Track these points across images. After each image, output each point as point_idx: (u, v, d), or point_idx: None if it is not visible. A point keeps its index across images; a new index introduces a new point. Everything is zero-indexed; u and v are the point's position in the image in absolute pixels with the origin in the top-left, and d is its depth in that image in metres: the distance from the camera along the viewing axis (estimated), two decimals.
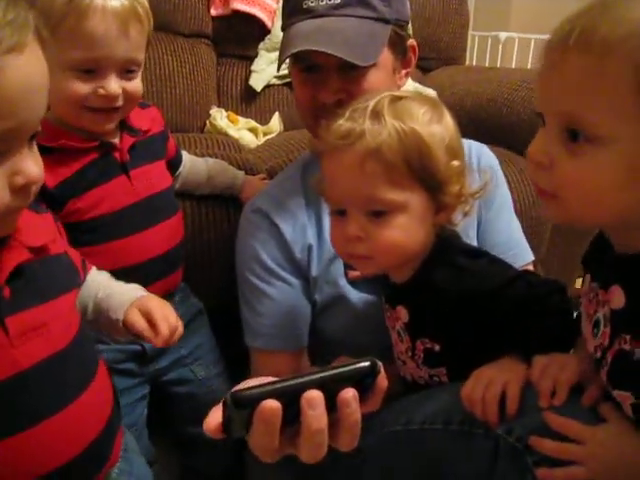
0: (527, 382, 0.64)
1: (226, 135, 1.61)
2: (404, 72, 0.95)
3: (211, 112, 1.71)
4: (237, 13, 1.74)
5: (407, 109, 0.70)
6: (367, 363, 0.50)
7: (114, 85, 0.82)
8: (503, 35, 2.87)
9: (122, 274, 0.86)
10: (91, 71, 0.80)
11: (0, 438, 0.55)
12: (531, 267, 1.00)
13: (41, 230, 0.63)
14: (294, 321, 0.93)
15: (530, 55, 2.85)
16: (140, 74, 0.87)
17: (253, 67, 1.80)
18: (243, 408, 0.47)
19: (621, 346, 0.56)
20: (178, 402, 0.99)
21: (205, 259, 1.14)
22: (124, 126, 0.90)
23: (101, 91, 0.81)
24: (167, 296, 0.95)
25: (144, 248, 0.91)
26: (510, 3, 3.97)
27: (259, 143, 1.63)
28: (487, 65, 2.91)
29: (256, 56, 1.80)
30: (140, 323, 0.68)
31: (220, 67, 1.82)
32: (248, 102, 1.80)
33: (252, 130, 1.69)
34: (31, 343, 0.57)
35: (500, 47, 2.85)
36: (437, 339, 0.74)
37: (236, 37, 1.80)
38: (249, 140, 1.63)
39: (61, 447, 0.59)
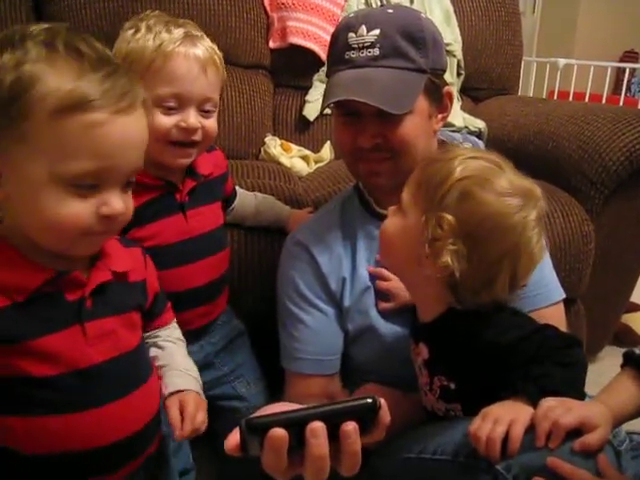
0: (532, 423, 0.68)
1: (279, 163, 1.70)
2: (440, 117, 1.00)
3: (266, 140, 1.80)
4: (294, 46, 1.83)
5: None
6: (368, 400, 0.56)
7: (193, 119, 0.92)
8: (562, 62, 2.86)
9: (168, 298, 0.96)
10: (173, 107, 0.91)
11: (69, 412, 0.67)
12: (561, 306, 1.03)
13: (125, 260, 0.76)
14: (327, 347, 1.00)
15: (589, 81, 2.83)
16: (216, 113, 0.97)
17: (307, 97, 1.88)
18: (255, 433, 0.55)
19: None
20: (221, 416, 1.06)
21: (249, 285, 1.22)
22: (189, 170, 1.00)
23: (182, 124, 0.91)
24: (210, 320, 1.06)
25: (188, 279, 1.00)
26: (575, 30, 3.94)
27: (310, 171, 1.71)
28: (544, 91, 2.91)
29: (310, 87, 1.88)
30: (174, 413, 0.78)
31: (276, 97, 1.91)
32: (302, 131, 1.88)
33: (304, 158, 1.77)
34: (102, 344, 0.70)
35: (558, 73, 2.84)
36: (453, 378, 0.79)
37: (292, 68, 1.89)
38: (300, 168, 1.71)
39: (118, 427, 0.72)
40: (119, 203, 0.66)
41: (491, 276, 0.75)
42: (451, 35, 1.96)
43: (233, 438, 0.58)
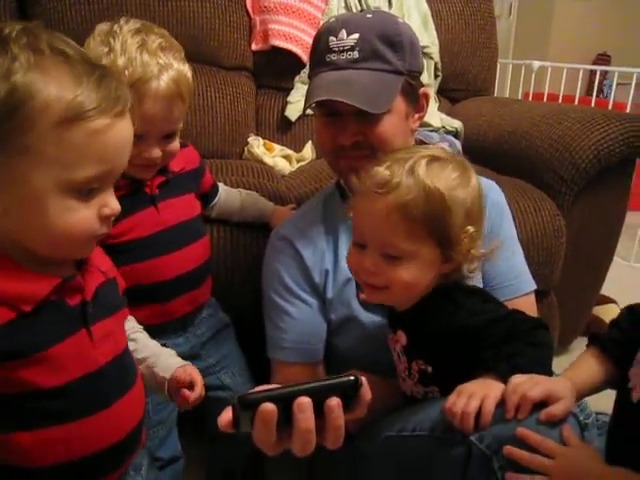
0: (502, 398, 0.73)
1: (262, 162, 1.74)
2: (417, 116, 1.05)
3: (249, 140, 1.84)
4: (276, 48, 1.87)
5: (440, 172, 0.79)
6: (351, 378, 0.61)
7: (155, 152, 0.96)
8: (536, 64, 2.93)
9: (151, 289, 1.01)
10: (138, 137, 0.91)
11: (80, 418, 0.68)
12: (532, 296, 1.09)
13: (101, 257, 0.78)
14: (311, 337, 1.04)
15: (562, 83, 2.91)
16: (178, 135, 1.01)
17: (289, 98, 1.92)
18: (247, 409, 0.59)
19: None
20: (207, 405, 1.10)
21: (235, 279, 1.26)
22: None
23: (145, 155, 0.95)
24: (195, 310, 1.11)
25: (170, 268, 1.03)
26: (549, 33, 4.03)
27: (292, 169, 1.75)
28: (520, 93, 2.98)
29: (292, 88, 1.93)
30: (184, 380, 0.83)
31: (259, 98, 1.95)
32: (284, 131, 1.92)
33: (286, 157, 1.81)
34: (105, 346, 0.71)
35: (533, 75, 2.92)
36: (430, 362, 0.84)
37: (274, 70, 1.93)
38: (283, 167, 1.76)
39: (122, 424, 0.73)
40: (116, 202, 0.67)
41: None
42: (428, 38, 2.01)
43: (226, 415, 0.63)
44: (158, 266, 1.02)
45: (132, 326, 0.88)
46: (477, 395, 0.72)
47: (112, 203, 0.66)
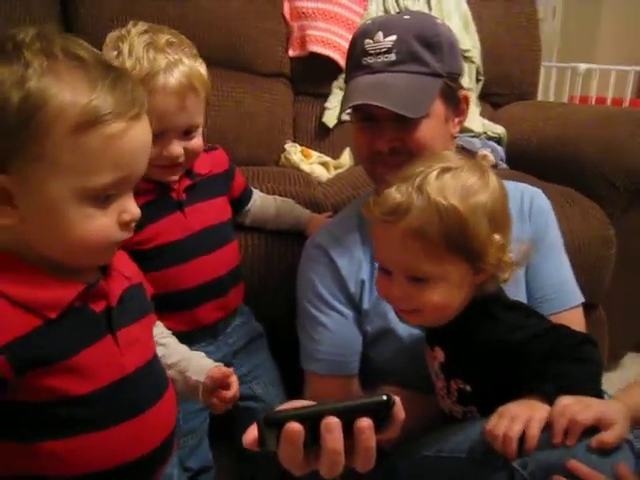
0: (548, 421, 0.68)
1: (299, 169, 1.72)
2: (457, 120, 1.01)
3: (286, 147, 1.82)
4: (313, 54, 1.86)
5: (452, 184, 0.74)
6: (383, 397, 0.58)
7: (176, 148, 0.95)
8: (583, 67, 2.84)
9: (178, 296, 1.00)
10: (156, 137, 0.92)
11: (109, 426, 0.66)
12: (580, 310, 1.03)
13: (126, 263, 0.76)
14: (346, 349, 1.01)
15: (610, 87, 2.81)
16: (200, 131, 0.99)
17: (327, 104, 1.90)
18: (273, 427, 0.57)
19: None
20: (238, 415, 1.08)
21: (269, 287, 1.24)
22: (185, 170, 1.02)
23: (165, 153, 0.94)
24: (226, 317, 1.08)
25: (198, 273, 1.01)
26: (596, 34, 3.91)
27: (330, 177, 1.72)
28: (565, 97, 2.89)
29: (330, 94, 1.91)
30: (220, 378, 0.81)
31: (296, 104, 1.93)
32: (321, 137, 1.90)
33: (324, 164, 1.79)
34: (132, 352, 0.70)
35: (579, 79, 2.82)
36: (469, 381, 0.80)
37: (312, 76, 1.91)
38: (320, 174, 1.73)
39: (155, 433, 0.72)
40: (136, 207, 0.66)
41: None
42: (470, 41, 1.97)
43: (251, 433, 0.60)
44: (185, 272, 1.00)
45: (161, 331, 0.87)
46: (520, 417, 0.68)
47: (132, 208, 0.65)
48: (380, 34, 0.93)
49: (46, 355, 0.61)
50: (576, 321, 1.00)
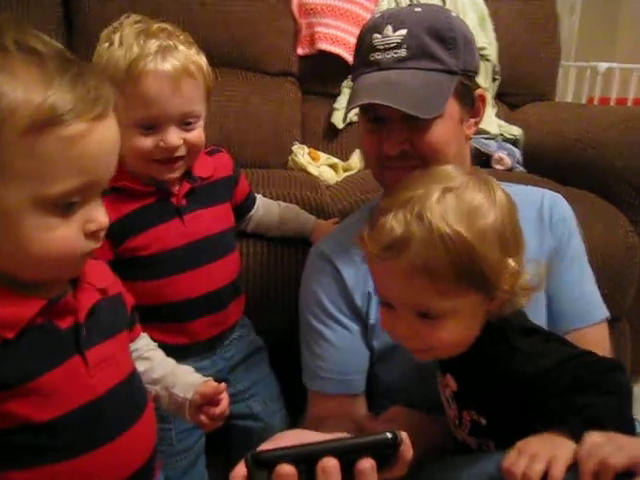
0: (574, 461, 0.61)
1: (306, 172, 1.66)
2: (472, 121, 0.95)
3: (293, 149, 1.76)
4: (322, 52, 1.81)
5: (456, 207, 0.66)
6: (388, 435, 0.51)
7: (173, 137, 0.89)
8: (603, 66, 2.75)
9: (173, 308, 0.94)
10: (151, 127, 0.88)
11: (79, 454, 0.62)
12: (605, 326, 0.96)
13: (101, 273, 0.71)
14: (351, 366, 0.94)
15: (632, 86, 2.72)
16: (201, 124, 0.93)
17: (336, 105, 1.85)
18: (262, 468, 0.50)
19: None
20: (234, 434, 1.02)
21: (270, 298, 1.19)
22: (185, 173, 0.97)
23: (162, 144, 0.88)
24: (224, 332, 1.02)
25: (195, 285, 0.96)
26: (616, 32, 3.82)
27: (338, 179, 1.67)
28: (584, 97, 2.81)
29: (339, 94, 1.85)
30: (208, 394, 0.75)
31: (304, 104, 1.88)
32: (330, 139, 1.85)
33: (332, 166, 1.73)
34: (104, 372, 0.65)
35: (599, 78, 2.73)
36: (483, 413, 0.73)
37: (320, 75, 1.87)
38: (329, 176, 1.68)
39: (128, 461, 0.67)
40: (104, 215, 0.60)
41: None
42: (486, 39, 1.91)
43: (239, 471, 0.54)
44: (182, 282, 0.94)
45: (146, 343, 0.82)
46: (542, 456, 0.60)
47: (99, 217, 0.60)
48: (389, 28, 0.87)
49: (3, 378, 0.57)
50: (600, 338, 0.93)
